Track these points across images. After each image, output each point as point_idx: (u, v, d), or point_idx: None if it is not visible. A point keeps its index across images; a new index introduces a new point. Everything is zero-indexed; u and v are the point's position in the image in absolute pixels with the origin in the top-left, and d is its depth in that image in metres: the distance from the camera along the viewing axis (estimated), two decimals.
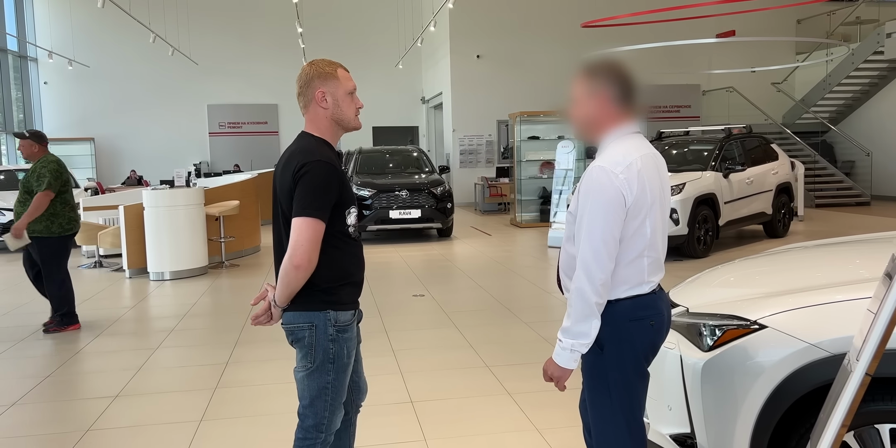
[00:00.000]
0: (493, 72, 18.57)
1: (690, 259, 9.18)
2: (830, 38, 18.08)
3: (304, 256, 2.39)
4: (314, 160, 2.43)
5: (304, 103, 2.58)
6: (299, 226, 2.39)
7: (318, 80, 2.55)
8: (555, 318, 6.33)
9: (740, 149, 10.66)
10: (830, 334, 2.38)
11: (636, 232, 2.25)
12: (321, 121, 2.58)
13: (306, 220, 2.39)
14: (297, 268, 2.39)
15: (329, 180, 2.44)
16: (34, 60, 21.52)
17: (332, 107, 2.56)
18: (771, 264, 3.43)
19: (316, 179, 2.41)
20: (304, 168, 2.41)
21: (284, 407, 4.20)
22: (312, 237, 2.40)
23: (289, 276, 2.42)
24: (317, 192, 2.41)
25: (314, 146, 2.52)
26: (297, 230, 2.40)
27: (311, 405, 2.55)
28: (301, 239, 2.38)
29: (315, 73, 2.55)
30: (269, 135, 22.58)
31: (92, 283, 8.81)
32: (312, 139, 2.56)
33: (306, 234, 2.39)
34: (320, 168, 2.42)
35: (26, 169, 14.08)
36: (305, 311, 2.51)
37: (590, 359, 2.31)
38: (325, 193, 2.42)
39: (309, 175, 2.41)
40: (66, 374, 5.11)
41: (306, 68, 2.59)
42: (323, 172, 2.43)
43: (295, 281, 2.42)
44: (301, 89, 2.57)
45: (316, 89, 2.54)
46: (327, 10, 22.17)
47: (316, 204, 2.41)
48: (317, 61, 2.61)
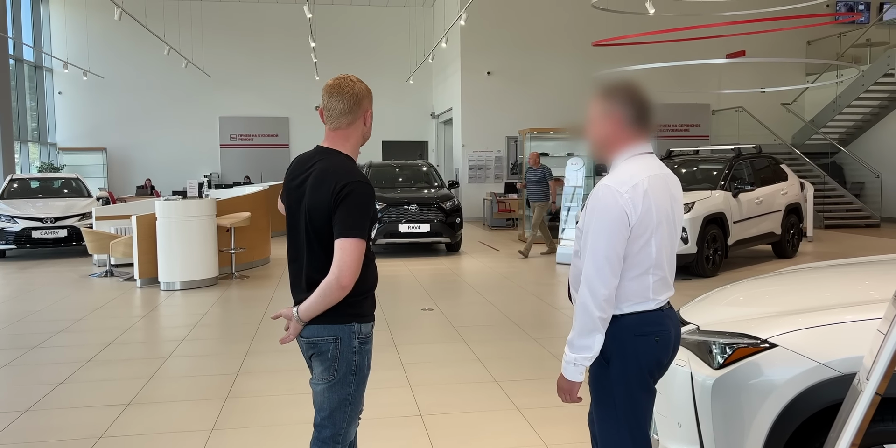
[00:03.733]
0: (504, 88, 18.69)
1: (699, 278, 9.18)
2: (840, 59, 18.13)
3: (352, 277, 2.40)
4: (356, 180, 2.45)
5: (349, 121, 2.57)
6: (346, 247, 2.40)
7: (368, 100, 2.59)
8: (563, 334, 6.35)
9: (750, 169, 10.70)
10: (840, 354, 2.41)
11: (641, 250, 2.30)
12: (356, 138, 2.61)
13: (354, 242, 2.41)
14: (344, 288, 2.41)
15: (371, 201, 2.48)
16: (49, 70, 21.77)
17: (370, 127, 2.64)
18: (781, 284, 3.46)
19: (360, 200, 2.43)
20: (348, 188, 2.42)
21: (295, 417, 4.23)
22: (359, 258, 2.42)
23: (333, 294, 2.42)
24: (361, 214, 2.43)
25: (352, 165, 2.54)
26: (344, 251, 2.40)
27: (330, 416, 2.56)
28: (350, 260, 2.40)
29: (366, 92, 2.58)
30: (279, 147, 22.73)
31: (103, 292, 8.87)
32: (343, 157, 2.57)
33: (355, 255, 2.40)
34: (363, 189, 2.45)
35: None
36: (331, 325, 2.52)
37: (596, 372, 2.36)
38: (367, 214, 2.46)
39: (353, 196, 2.42)
40: (78, 381, 5.15)
41: (355, 84, 2.57)
42: (366, 193, 2.46)
43: (336, 300, 2.44)
44: (349, 106, 2.55)
45: (366, 109, 2.58)
46: (340, 25, 22.39)
47: (360, 224, 2.43)
48: (355, 78, 2.60)
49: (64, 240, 11.97)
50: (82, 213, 12.19)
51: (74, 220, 12.07)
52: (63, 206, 12.40)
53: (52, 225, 11.91)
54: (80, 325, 6.98)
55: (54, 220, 11.96)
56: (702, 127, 19.52)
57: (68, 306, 7.95)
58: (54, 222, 11.94)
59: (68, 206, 12.47)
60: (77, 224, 11.99)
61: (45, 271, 10.64)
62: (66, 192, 13.60)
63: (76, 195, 13.43)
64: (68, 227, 11.97)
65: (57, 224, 11.95)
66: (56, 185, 13.84)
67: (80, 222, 12.01)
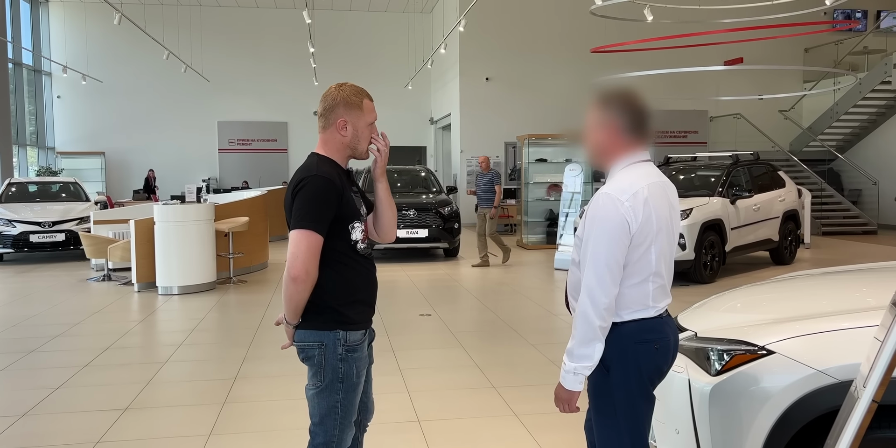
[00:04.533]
0: (502, 94, 18.73)
1: (697, 284, 9.19)
2: (838, 67, 18.21)
3: (301, 267, 2.40)
4: (311, 175, 2.47)
5: (322, 124, 2.60)
6: (294, 238, 2.43)
7: (343, 108, 2.57)
8: (561, 340, 6.36)
9: (747, 175, 10.72)
10: (838, 361, 2.41)
11: (640, 258, 2.30)
12: (335, 145, 2.61)
13: (301, 232, 2.43)
14: (295, 280, 2.41)
15: (326, 194, 2.46)
16: (48, 74, 21.80)
17: (351, 136, 2.60)
18: (778, 291, 3.47)
19: (311, 193, 2.45)
20: (302, 183, 2.47)
21: (293, 423, 4.23)
22: (308, 249, 2.42)
23: (288, 289, 2.44)
24: (311, 205, 2.44)
25: (315, 163, 2.56)
26: (292, 242, 2.43)
27: (320, 423, 2.57)
28: (297, 250, 2.41)
29: (341, 100, 2.57)
30: (278, 152, 22.76)
31: (100, 296, 8.87)
32: (317, 157, 2.60)
33: (302, 245, 2.42)
34: (317, 181, 2.46)
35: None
36: (315, 330, 2.53)
37: (596, 379, 2.35)
38: (320, 206, 2.45)
39: (305, 189, 2.45)
40: (75, 385, 5.15)
41: (334, 92, 2.59)
42: (319, 186, 2.46)
43: (296, 294, 2.44)
44: (324, 111, 2.59)
45: (339, 117, 2.57)
46: (339, 31, 22.44)
47: (310, 216, 2.43)
48: (346, 87, 2.60)
49: (62, 244, 11.96)
50: (80, 217, 12.17)
51: (72, 225, 12.05)
52: (61, 210, 12.38)
53: (49, 229, 11.90)
54: (78, 330, 6.97)
55: (52, 224, 11.95)
56: (700, 133, 19.57)
57: (66, 310, 7.94)
58: (52, 226, 11.93)
59: (66, 210, 12.45)
60: (75, 228, 11.96)
61: (42, 275, 10.62)
62: (64, 196, 13.60)
63: (74, 199, 13.43)
64: (66, 232, 11.95)
65: (55, 228, 11.93)
66: (54, 189, 13.84)
67: (77, 226, 11.99)
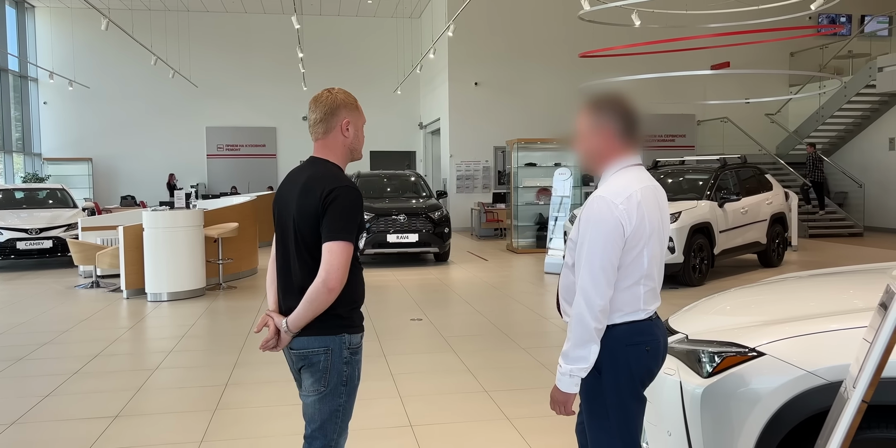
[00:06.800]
0: (491, 99, 18.78)
1: (686, 287, 9.24)
2: (823, 71, 18.36)
3: (340, 279, 2.42)
4: (343, 185, 2.48)
5: (324, 129, 2.60)
6: (334, 250, 2.42)
7: (346, 109, 2.60)
8: (552, 343, 6.37)
9: (735, 179, 10.79)
10: (827, 362, 2.44)
11: (633, 261, 2.32)
12: (338, 148, 2.62)
13: (341, 244, 2.43)
14: (332, 291, 2.42)
15: (357, 205, 2.50)
16: (34, 80, 21.66)
17: (353, 137, 2.63)
18: (767, 293, 3.50)
19: (347, 204, 2.46)
20: (335, 193, 2.45)
21: (284, 429, 4.22)
22: (346, 261, 2.44)
23: (320, 298, 2.43)
24: (348, 217, 2.45)
25: (338, 172, 2.58)
26: (332, 254, 2.42)
27: (321, 428, 2.56)
28: (337, 263, 2.41)
29: (343, 102, 2.60)
30: (266, 158, 22.70)
31: (89, 303, 8.81)
32: (331, 165, 2.60)
33: (342, 257, 2.42)
34: (350, 193, 2.47)
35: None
36: (322, 336, 2.52)
37: (588, 382, 2.36)
38: (355, 218, 2.48)
39: (340, 200, 2.44)
40: (64, 393, 5.11)
41: (330, 95, 2.61)
42: (353, 198, 2.48)
43: (325, 304, 2.45)
44: (324, 115, 2.59)
45: (343, 118, 2.59)
46: (328, 36, 22.44)
47: (348, 227, 2.45)
48: (338, 90, 2.64)
49: (49, 251, 11.87)
50: (68, 223, 12.09)
51: (60, 231, 11.97)
52: (48, 217, 12.29)
53: (37, 236, 11.81)
54: (66, 337, 6.92)
55: (39, 230, 11.86)
56: (687, 137, 19.69)
57: (54, 318, 7.89)
58: (39, 233, 11.84)
59: (53, 216, 12.36)
60: (62, 235, 11.89)
61: (30, 283, 10.54)
62: (52, 202, 13.50)
63: (61, 206, 13.34)
64: (53, 238, 11.87)
65: (42, 235, 11.85)
66: (41, 196, 13.74)
67: (65, 233, 11.91)
